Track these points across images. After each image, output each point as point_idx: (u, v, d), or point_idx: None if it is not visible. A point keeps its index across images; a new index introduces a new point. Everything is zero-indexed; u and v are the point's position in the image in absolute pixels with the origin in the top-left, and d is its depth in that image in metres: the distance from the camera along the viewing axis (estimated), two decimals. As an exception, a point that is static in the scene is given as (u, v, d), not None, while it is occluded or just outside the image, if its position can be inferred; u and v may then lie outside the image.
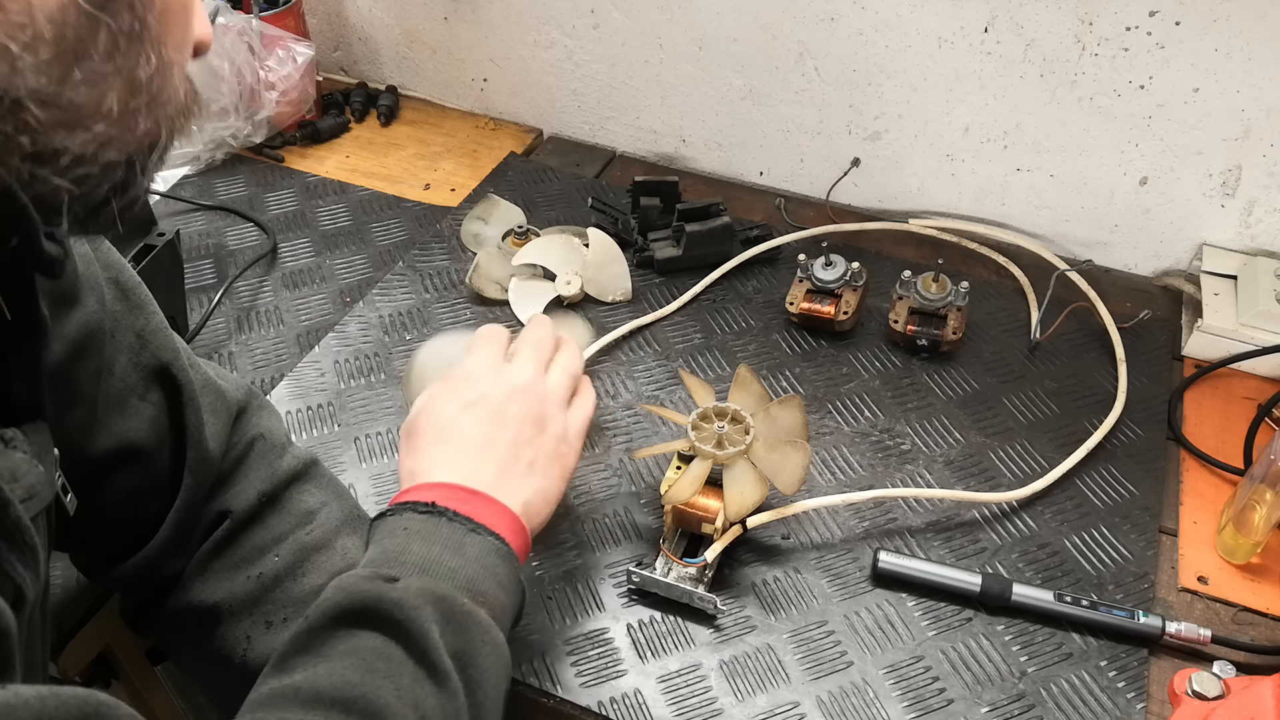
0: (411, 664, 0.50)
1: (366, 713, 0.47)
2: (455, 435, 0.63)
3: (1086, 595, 0.76)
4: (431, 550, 0.55)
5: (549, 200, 1.20)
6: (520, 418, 0.65)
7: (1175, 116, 1.00)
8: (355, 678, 0.48)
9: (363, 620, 0.51)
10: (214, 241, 1.14)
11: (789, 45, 1.13)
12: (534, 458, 0.64)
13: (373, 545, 0.57)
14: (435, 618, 0.51)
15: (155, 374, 0.63)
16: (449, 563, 0.55)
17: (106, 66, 0.39)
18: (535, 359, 0.70)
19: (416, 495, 0.59)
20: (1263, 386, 0.96)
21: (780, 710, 0.70)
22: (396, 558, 0.55)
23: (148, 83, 0.41)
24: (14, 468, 0.46)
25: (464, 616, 0.53)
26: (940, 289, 0.98)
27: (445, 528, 0.57)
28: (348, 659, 0.49)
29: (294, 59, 1.23)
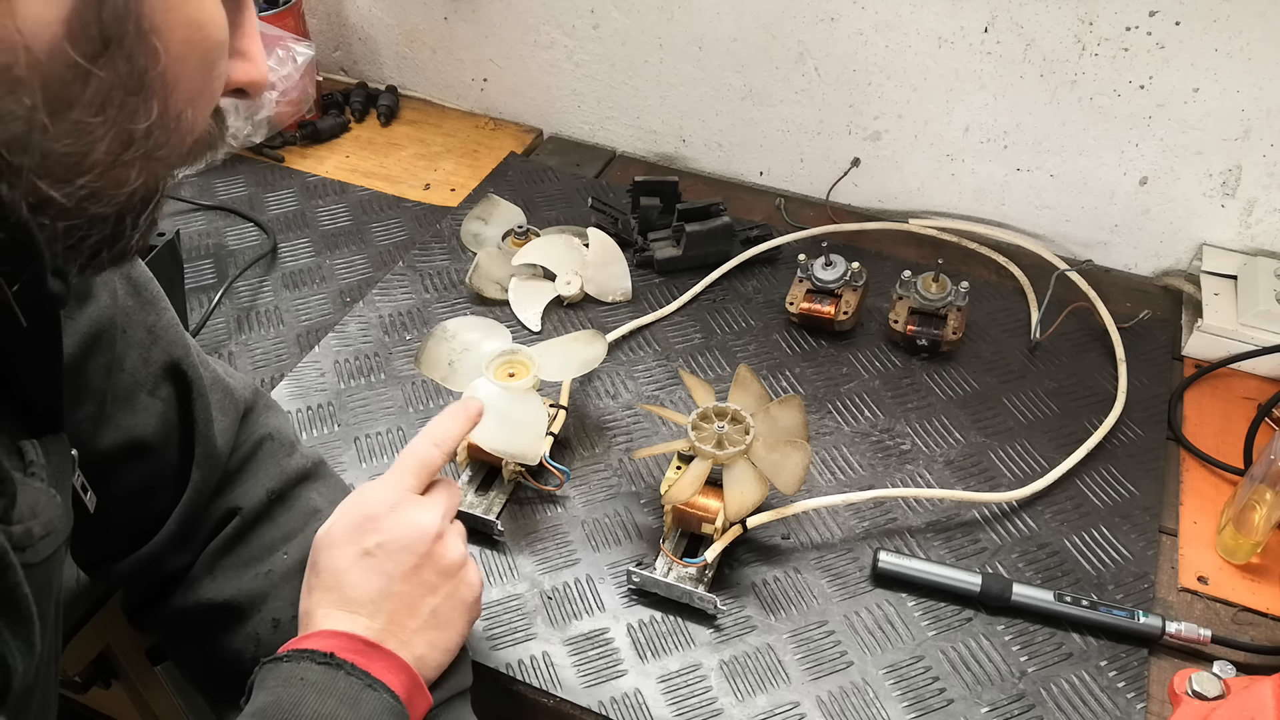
0: None
1: None
2: (353, 584, 0.59)
3: (1086, 595, 0.76)
4: (326, 704, 0.52)
5: (549, 200, 1.20)
6: (422, 567, 0.60)
7: (1175, 116, 1.00)
8: None
9: None
10: (214, 241, 1.14)
11: (789, 45, 1.13)
12: (437, 606, 0.60)
13: (264, 692, 0.54)
14: None
15: (166, 370, 0.63)
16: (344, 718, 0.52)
17: (95, 119, 0.37)
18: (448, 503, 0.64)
19: (315, 643, 0.56)
20: (1263, 386, 0.96)
21: (780, 710, 0.70)
22: (290, 710, 0.52)
23: (144, 136, 0.39)
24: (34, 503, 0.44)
25: None
26: (940, 289, 0.98)
27: (343, 682, 0.54)
28: None
29: (294, 59, 1.23)
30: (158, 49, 0.38)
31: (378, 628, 0.58)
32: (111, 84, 0.37)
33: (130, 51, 0.37)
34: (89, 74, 0.36)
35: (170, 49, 0.39)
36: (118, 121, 0.38)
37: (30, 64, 0.35)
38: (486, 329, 0.91)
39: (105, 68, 0.36)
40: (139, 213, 0.42)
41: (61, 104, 0.36)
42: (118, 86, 0.37)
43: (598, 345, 0.90)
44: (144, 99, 0.38)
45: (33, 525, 0.44)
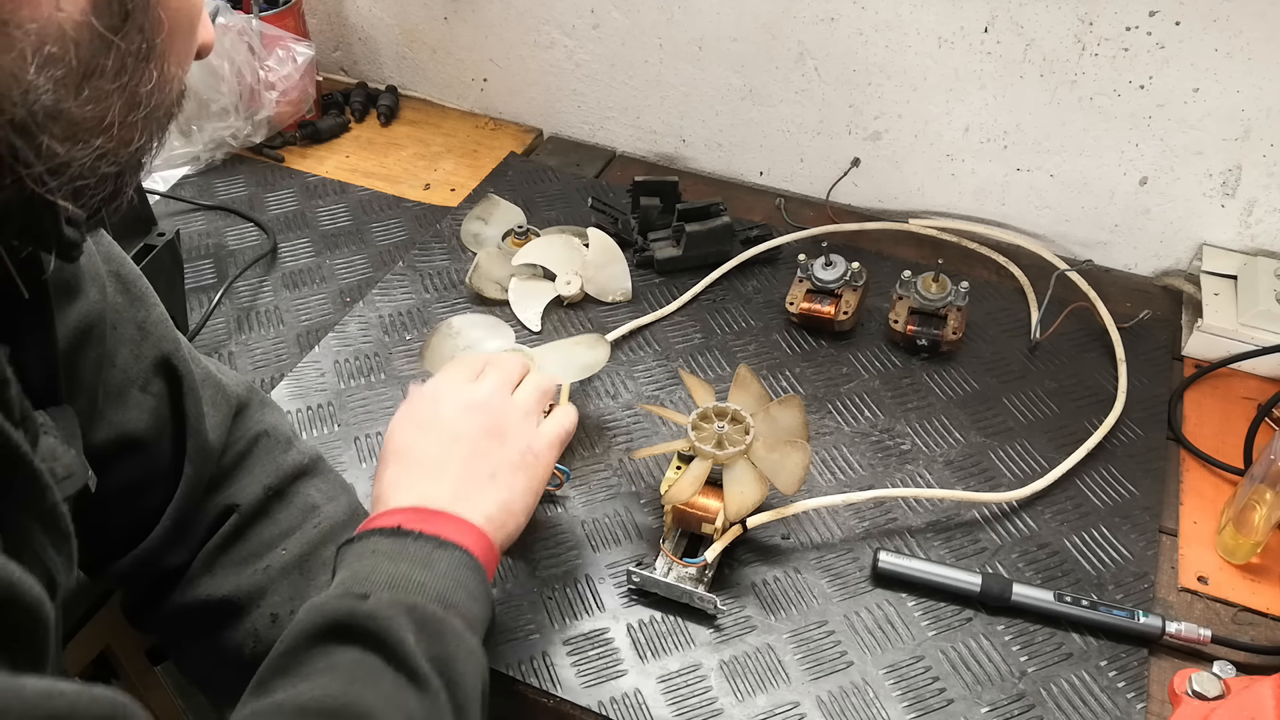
0: (391, 671, 0.50)
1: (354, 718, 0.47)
2: (413, 458, 0.63)
3: (1086, 595, 0.76)
4: (399, 567, 0.55)
5: (549, 200, 1.20)
6: (477, 434, 0.65)
7: (1175, 116, 1.00)
8: (337, 689, 0.48)
9: (338, 636, 0.51)
10: (214, 241, 1.14)
11: (789, 45, 1.13)
12: (494, 470, 0.64)
13: (340, 570, 0.57)
14: (409, 626, 0.51)
15: (156, 365, 0.64)
16: (418, 577, 0.55)
17: (112, 85, 0.41)
18: (499, 377, 0.69)
19: (381, 522, 0.59)
20: (1263, 386, 0.96)
21: (780, 710, 0.70)
22: (366, 578, 0.55)
23: (147, 98, 0.43)
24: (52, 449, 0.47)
25: (437, 623, 0.53)
26: (940, 289, 0.98)
27: (412, 546, 0.57)
28: (327, 674, 0.49)
29: (294, 59, 1.23)
30: (162, 19, 0.42)
31: (443, 495, 0.60)
32: (127, 52, 0.41)
33: (142, 22, 0.41)
34: (111, 44, 0.40)
35: (169, 17, 0.43)
36: (129, 87, 0.41)
37: (63, 40, 0.38)
38: (490, 327, 0.91)
39: (124, 38, 0.40)
40: (137, 169, 0.46)
41: (88, 73, 0.39)
42: (131, 54, 0.41)
43: (600, 350, 0.90)
44: (149, 65, 0.42)
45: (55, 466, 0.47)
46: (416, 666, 0.50)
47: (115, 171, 0.44)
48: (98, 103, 0.40)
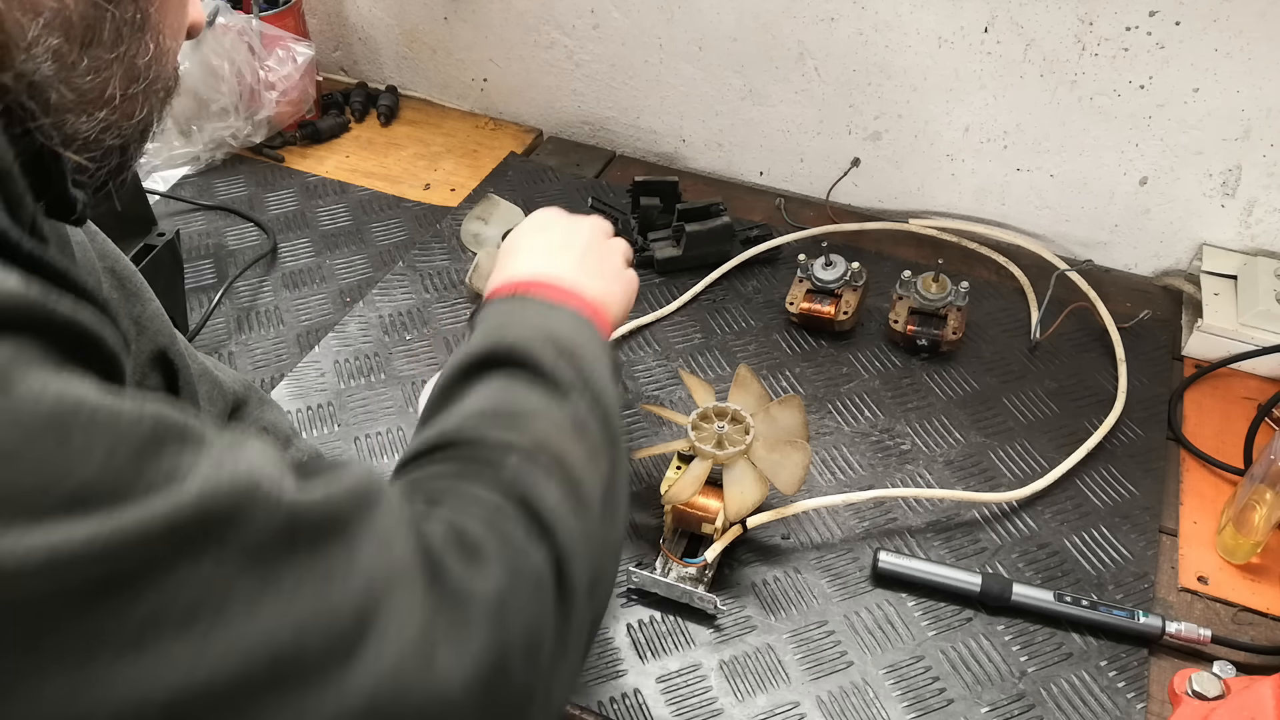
0: (540, 384, 0.54)
1: (511, 413, 0.51)
2: (532, 246, 0.68)
3: (1086, 595, 0.76)
4: (528, 316, 0.59)
5: (549, 200, 1.20)
6: (589, 238, 0.70)
7: (1175, 116, 1.00)
8: (494, 400, 0.52)
9: (484, 367, 0.55)
10: (214, 241, 1.14)
11: (789, 45, 1.13)
12: (601, 268, 0.68)
13: (473, 331, 0.60)
14: (550, 350, 0.55)
15: (152, 359, 0.64)
16: (544, 320, 0.59)
17: (110, 55, 0.41)
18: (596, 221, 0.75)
19: (501, 292, 0.62)
20: (1263, 386, 0.96)
21: (780, 710, 0.70)
22: (496, 329, 0.58)
23: (145, 69, 0.44)
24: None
25: (573, 347, 0.57)
26: (940, 289, 0.98)
27: (534, 304, 0.61)
28: (481, 393, 0.53)
29: (294, 59, 1.23)
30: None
31: (561, 270, 0.64)
32: (122, 21, 0.41)
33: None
34: (106, 12, 0.40)
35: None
36: (127, 57, 0.42)
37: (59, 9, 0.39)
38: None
39: (117, 6, 0.41)
40: (139, 143, 0.46)
41: (85, 42, 0.40)
42: (126, 24, 0.42)
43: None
44: (145, 36, 0.43)
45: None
46: (558, 379, 0.54)
47: (119, 144, 0.44)
48: (98, 73, 0.41)
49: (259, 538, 0.34)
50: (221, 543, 0.33)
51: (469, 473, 0.48)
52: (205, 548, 0.32)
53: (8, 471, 0.29)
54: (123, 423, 0.32)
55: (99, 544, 0.30)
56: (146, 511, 0.31)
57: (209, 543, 0.33)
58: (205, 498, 0.33)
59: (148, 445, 0.33)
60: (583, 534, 0.48)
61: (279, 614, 0.34)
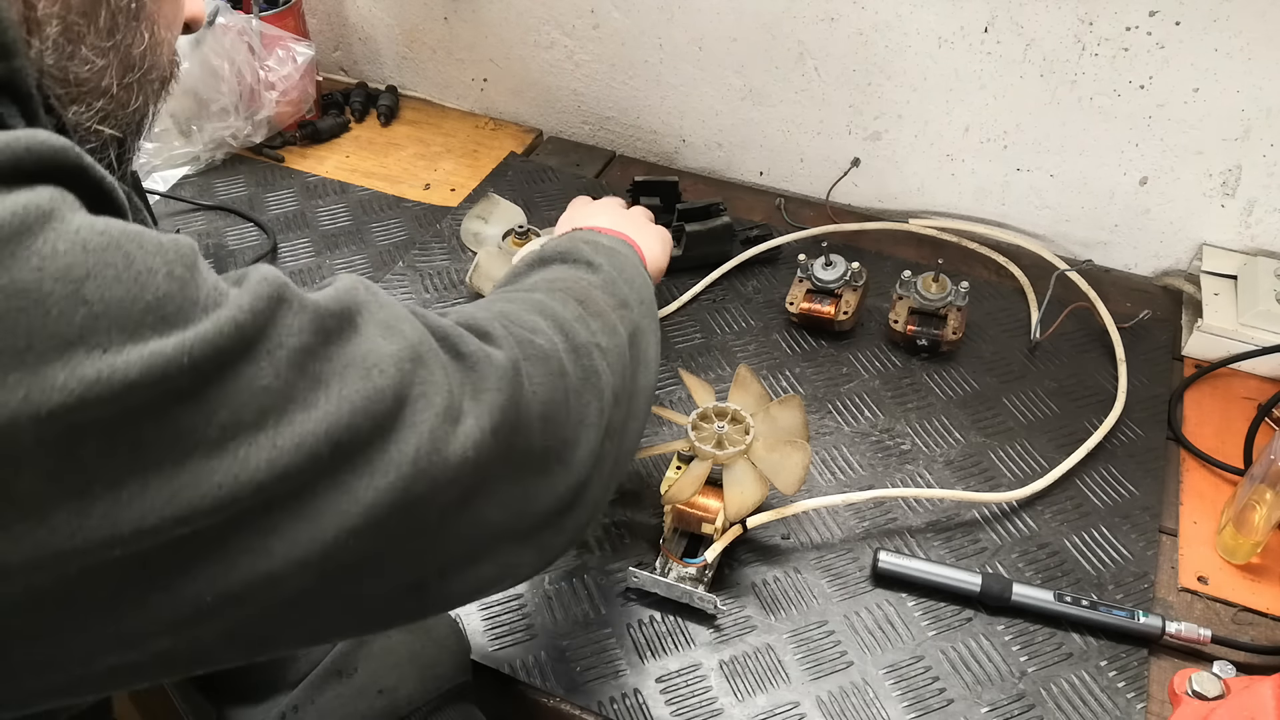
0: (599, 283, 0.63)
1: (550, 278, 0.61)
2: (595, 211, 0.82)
3: (1086, 595, 0.76)
4: (602, 243, 0.69)
5: (549, 200, 1.20)
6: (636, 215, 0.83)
7: (1175, 116, 1.00)
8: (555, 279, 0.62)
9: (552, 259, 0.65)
10: (214, 241, 1.14)
11: (789, 45, 1.13)
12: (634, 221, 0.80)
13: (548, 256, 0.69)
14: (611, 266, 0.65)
15: None
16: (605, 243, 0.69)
17: (107, 43, 0.42)
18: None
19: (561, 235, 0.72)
20: (1263, 386, 0.96)
21: (780, 710, 0.70)
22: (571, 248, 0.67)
23: (141, 59, 0.44)
24: None
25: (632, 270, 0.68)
26: (940, 289, 0.98)
27: (607, 239, 0.71)
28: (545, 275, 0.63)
29: (294, 59, 1.23)
30: None
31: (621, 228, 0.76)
32: (118, 10, 0.42)
33: None
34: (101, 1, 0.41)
35: None
36: (123, 46, 0.43)
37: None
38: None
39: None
40: (135, 134, 0.47)
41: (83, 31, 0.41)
42: (121, 13, 0.42)
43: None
44: (140, 25, 0.44)
45: None
46: (618, 288, 0.63)
47: (117, 135, 0.45)
48: (95, 63, 0.41)
49: (299, 338, 0.37)
50: (271, 347, 0.36)
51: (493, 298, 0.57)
52: (261, 353, 0.36)
53: (93, 289, 0.31)
54: (166, 245, 0.35)
55: (186, 353, 0.33)
56: (215, 321, 0.34)
57: (261, 346, 0.36)
58: (256, 301, 0.36)
59: (193, 264, 0.35)
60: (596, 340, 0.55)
61: (333, 407, 0.37)
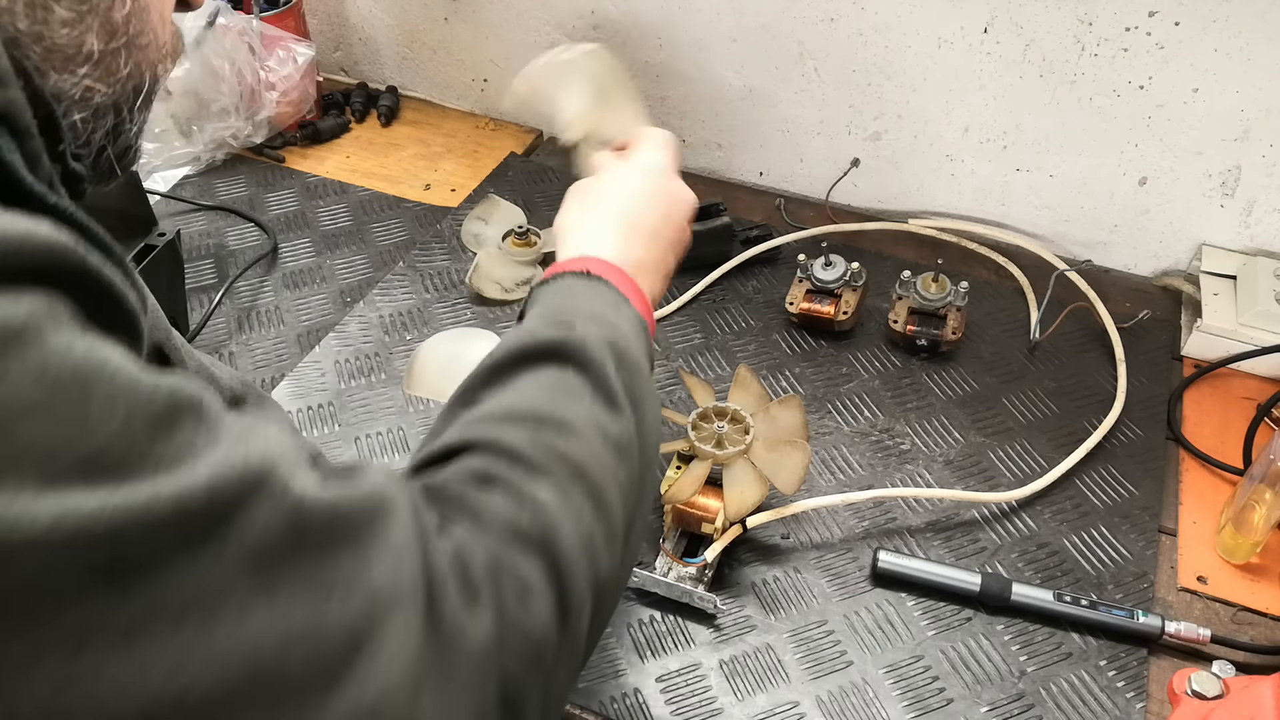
0: (591, 393, 0.52)
1: (556, 424, 0.49)
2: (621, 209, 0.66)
3: (1086, 595, 0.76)
4: (596, 306, 0.58)
5: (549, 200, 1.20)
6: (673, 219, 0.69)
7: (1175, 116, 1.00)
8: (543, 400, 0.51)
9: (546, 357, 0.53)
10: (214, 241, 1.15)
11: (789, 45, 1.13)
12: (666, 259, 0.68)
13: (536, 305, 0.59)
14: (610, 357, 0.54)
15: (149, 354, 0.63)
16: (612, 318, 0.58)
17: (83, 6, 0.41)
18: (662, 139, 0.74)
19: (571, 266, 0.61)
20: (1262, 386, 0.96)
21: (780, 710, 0.70)
22: (567, 310, 0.57)
23: (124, 24, 0.43)
24: None
25: (633, 362, 0.56)
26: (940, 289, 0.98)
27: (604, 291, 0.60)
28: (533, 386, 0.52)
29: (294, 59, 1.23)
30: None
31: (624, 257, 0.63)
32: None
33: None
34: None
35: None
36: (101, 9, 0.41)
37: None
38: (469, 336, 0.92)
39: None
40: (133, 104, 0.45)
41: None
42: None
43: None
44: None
45: None
46: (615, 392, 0.53)
47: (110, 103, 0.44)
48: (72, 26, 0.40)
49: (263, 535, 0.33)
50: (224, 536, 0.32)
51: (496, 490, 0.45)
52: (208, 540, 0.31)
53: (26, 428, 0.28)
54: (141, 391, 0.31)
55: (104, 519, 0.29)
56: (154, 490, 0.30)
57: (212, 534, 0.31)
58: (216, 482, 0.32)
59: (163, 418, 0.32)
60: (595, 582, 0.46)
61: (268, 623, 0.32)
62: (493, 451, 0.47)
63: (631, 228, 0.65)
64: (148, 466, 0.31)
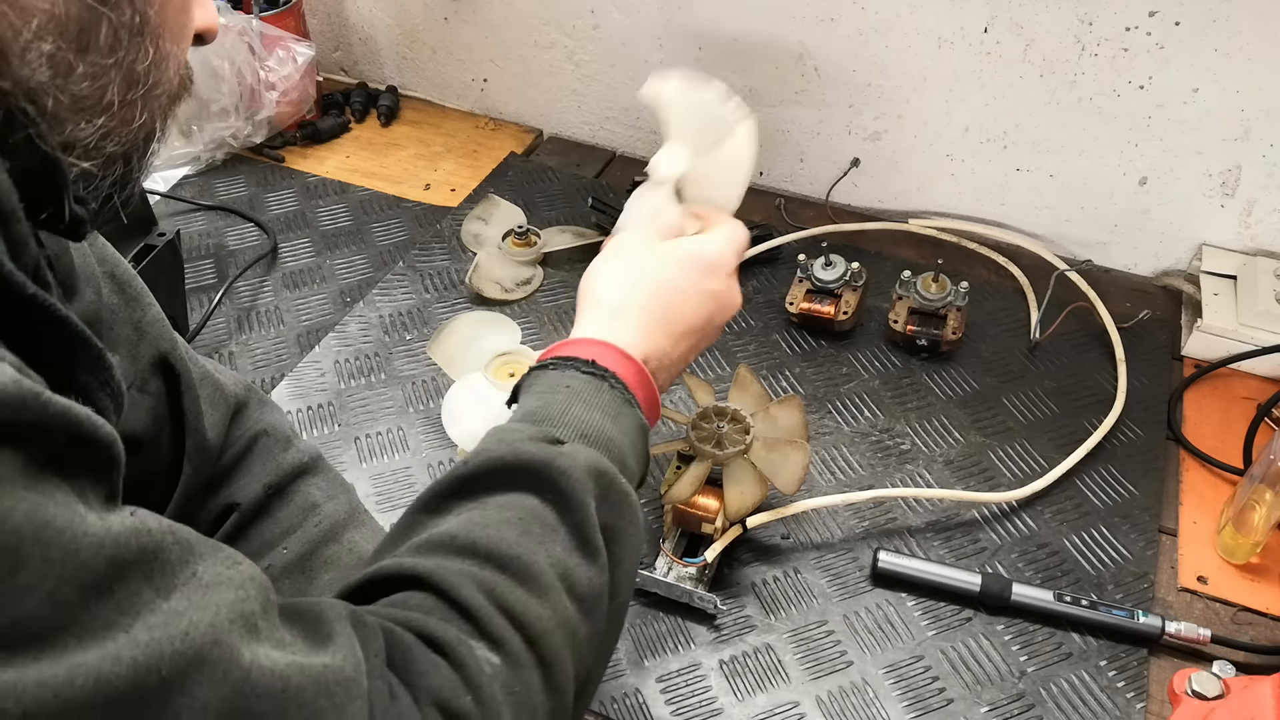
0: (565, 533, 0.49)
1: (520, 574, 0.46)
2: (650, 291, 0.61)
3: (1086, 595, 0.76)
4: (593, 416, 0.54)
5: (549, 200, 1.20)
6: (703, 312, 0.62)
7: (1175, 116, 1.00)
8: (512, 537, 0.47)
9: (524, 481, 0.50)
10: (214, 241, 1.15)
11: (789, 45, 1.13)
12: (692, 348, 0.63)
13: (532, 396, 0.56)
14: (594, 492, 0.50)
15: (154, 364, 0.63)
16: (608, 432, 0.54)
17: (108, 60, 0.40)
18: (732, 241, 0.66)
19: (577, 350, 0.57)
20: (1262, 386, 0.96)
21: (780, 710, 0.70)
22: (560, 418, 0.53)
23: (145, 75, 0.42)
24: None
25: (619, 496, 0.52)
26: (940, 289, 0.98)
27: (607, 394, 0.56)
28: (505, 514, 0.48)
29: (294, 59, 1.23)
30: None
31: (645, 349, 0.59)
32: (119, 25, 0.40)
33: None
34: (102, 16, 0.39)
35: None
36: (125, 63, 0.41)
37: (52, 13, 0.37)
38: (495, 324, 0.92)
39: (113, 9, 0.39)
40: (143, 152, 0.45)
41: (81, 47, 0.39)
42: (124, 28, 0.40)
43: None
44: (144, 40, 0.42)
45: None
46: (591, 537, 0.49)
47: (121, 152, 0.43)
48: (95, 79, 0.40)
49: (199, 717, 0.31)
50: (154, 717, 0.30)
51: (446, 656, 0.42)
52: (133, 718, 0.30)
53: None
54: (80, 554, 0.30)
55: (13, 697, 0.27)
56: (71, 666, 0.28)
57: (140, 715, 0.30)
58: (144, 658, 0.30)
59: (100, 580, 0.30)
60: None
61: None
62: (447, 601, 0.44)
63: (668, 321, 0.60)
64: (71, 635, 0.29)
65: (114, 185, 0.44)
